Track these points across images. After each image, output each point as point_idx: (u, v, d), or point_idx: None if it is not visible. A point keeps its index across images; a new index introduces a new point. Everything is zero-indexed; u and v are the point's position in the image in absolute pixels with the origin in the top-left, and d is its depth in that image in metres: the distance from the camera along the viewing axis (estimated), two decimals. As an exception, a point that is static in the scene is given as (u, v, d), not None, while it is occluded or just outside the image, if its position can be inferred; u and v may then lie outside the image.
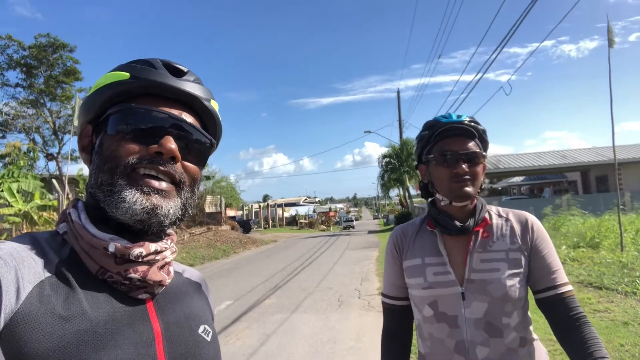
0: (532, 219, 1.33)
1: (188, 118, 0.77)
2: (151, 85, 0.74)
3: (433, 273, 1.31)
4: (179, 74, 0.78)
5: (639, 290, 6.05)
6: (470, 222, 1.30)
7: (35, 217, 13.38)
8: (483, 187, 1.36)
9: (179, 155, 0.73)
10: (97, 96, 0.75)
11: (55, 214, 13.96)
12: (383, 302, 1.49)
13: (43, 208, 14.01)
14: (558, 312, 1.22)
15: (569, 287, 1.25)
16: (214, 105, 0.82)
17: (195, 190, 0.80)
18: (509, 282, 1.23)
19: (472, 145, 1.30)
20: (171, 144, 0.71)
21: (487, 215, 1.35)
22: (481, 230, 1.31)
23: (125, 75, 0.74)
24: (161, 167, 0.71)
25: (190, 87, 0.77)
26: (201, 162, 0.81)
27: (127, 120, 0.72)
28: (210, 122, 0.83)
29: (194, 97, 0.77)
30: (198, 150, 0.79)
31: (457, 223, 1.30)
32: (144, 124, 0.72)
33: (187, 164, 0.76)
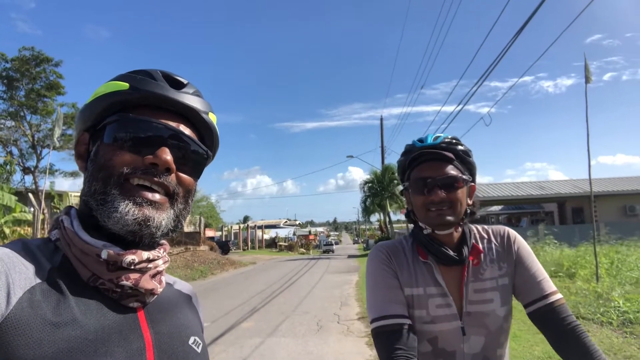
0: (510, 232, 1.32)
1: (185, 130, 0.77)
2: (150, 96, 0.74)
3: (435, 305, 1.21)
4: (178, 86, 0.78)
5: (614, 320, 6.15)
6: (465, 251, 1.24)
7: (7, 231, 12.97)
8: (470, 211, 1.29)
9: (174, 166, 0.73)
10: (95, 105, 0.75)
11: (29, 229, 13.57)
12: (378, 328, 1.18)
13: (17, 223, 13.61)
14: (552, 323, 1.17)
15: (559, 296, 1.20)
16: (212, 118, 0.82)
17: (190, 201, 0.79)
18: (503, 313, 1.21)
19: (449, 169, 1.23)
20: (167, 155, 0.71)
21: (474, 241, 1.30)
22: (471, 258, 1.26)
23: (125, 85, 0.74)
24: (156, 179, 0.71)
25: (189, 99, 0.77)
26: (196, 174, 0.81)
27: (123, 130, 0.72)
28: (207, 135, 0.83)
29: (192, 109, 0.77)
30: (194, 161, 0.79)
31: (452, 253, 1.23)
32: (141, 134, 0.72)
33: (182, 175, 0.76)
